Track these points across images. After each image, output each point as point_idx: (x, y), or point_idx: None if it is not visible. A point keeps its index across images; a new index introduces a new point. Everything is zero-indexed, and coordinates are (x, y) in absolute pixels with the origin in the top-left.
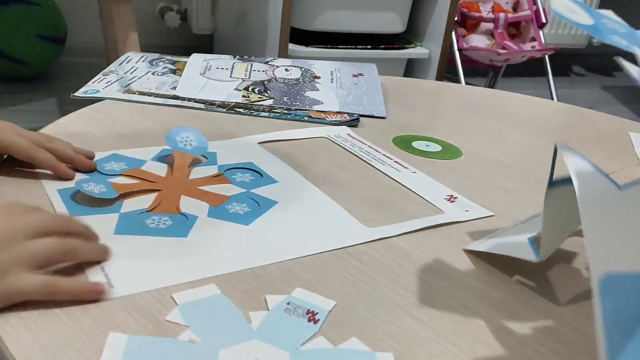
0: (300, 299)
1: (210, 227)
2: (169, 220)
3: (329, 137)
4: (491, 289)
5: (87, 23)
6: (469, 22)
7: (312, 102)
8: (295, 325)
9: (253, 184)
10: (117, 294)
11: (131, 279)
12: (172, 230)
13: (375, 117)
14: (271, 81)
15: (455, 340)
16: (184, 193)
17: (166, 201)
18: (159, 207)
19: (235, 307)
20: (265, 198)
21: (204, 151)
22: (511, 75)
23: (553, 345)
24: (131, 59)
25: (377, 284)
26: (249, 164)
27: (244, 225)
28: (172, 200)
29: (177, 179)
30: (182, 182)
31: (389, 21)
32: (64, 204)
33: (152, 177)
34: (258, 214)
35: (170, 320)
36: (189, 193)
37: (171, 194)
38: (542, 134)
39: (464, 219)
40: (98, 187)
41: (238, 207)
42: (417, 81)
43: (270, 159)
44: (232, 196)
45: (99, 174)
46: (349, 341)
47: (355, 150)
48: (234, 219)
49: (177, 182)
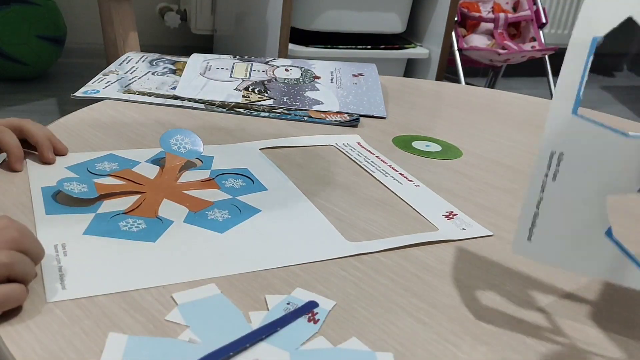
0: (300, 299)
1: (183, 233)
2: (142, 224)
3: (336, 145)
4: (491, 289)
5: (87, 23)
6: (469, 22)
7: (312, 102)
8: (295, 325)
9: (241, 190)
10: (68, 296)
11: (84, 281)
12: (142, 234)
13: (375, 117)
14: (271, 81)
15: (455, 340)
16: (166, 196)
17: (146, 204)
18: (137, 210)
19: (235, 307)
20: (248, 205)
21: (198, 154)
22: (511, 75)
23: (553, 345)
24: (131, 59)
25: (377, 284)
26: (243, 170)
27: (218, 232)
28: (153, 204)
29: (164, 182)
30: (168, 185)
31: (389, 21)
32: (43, 201)
33: (140, 178)
34: (236, 222)
35: (170, 320)
36: (171, 197)
37: (153, 196)
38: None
39: (458, 238)
40: (79, 187)
41: (218, 213)
42: (417, 81)
43: (267, 166)
44: (215, 202)
45: (87, 173)
46: (349, 341)
47: (360, 160)
48: (209, 225)
49: (163, 184)
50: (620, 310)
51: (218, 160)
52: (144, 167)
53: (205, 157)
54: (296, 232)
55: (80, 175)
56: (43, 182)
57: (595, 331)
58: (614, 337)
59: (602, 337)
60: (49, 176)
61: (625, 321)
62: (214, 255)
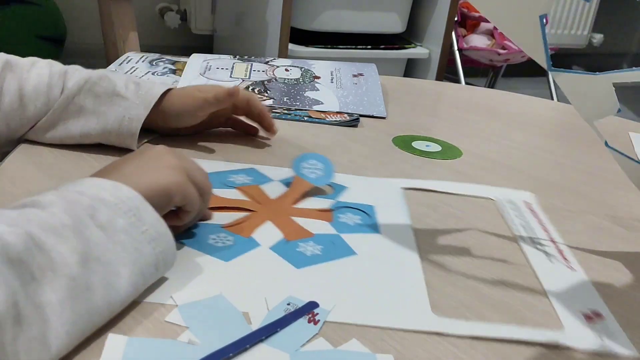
0: (300, 300)
1: (260, 260)
2: (230, 241)
3: (496, 199)
4: (491, 289)
5: (87, 23)
6: (469, 22)
7: (312, 102)
8: (295, 326)
9: (352, 228)
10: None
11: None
12: (221, 251)
13: (375, 117)
14: (271, 81)
15: (455, 340)
16: (271, 219)
17: (249, 223)
18: (235, 227)
19: (235, 308)
20: (347, 245)
21: (326, 183)
22: (511, 75)
23: (553, 344)
24: (131, 59)
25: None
26: (368, 208)
27: (294, 266)
28: (254, 224)
29: (280, 204)
30: (281, 208)
31: (389, 21)
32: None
33: (261, 196)
34: (322, 260)
35: (170, 321)
36: (276, 220)
37: (260, 217)
38: (542, 134)
39: (584, 348)
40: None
41: (310, 247)
42: (417, 81)
43: (399, 208)
44: (316, 235)
45: (219, 184)
46: (349, 342)
47: (514, 223)
48: (291, 258)
49: (277, 206)
50: (624, 313)
51: (351, 191)
52: (274, 186)
53: (339, 186)
54: (377, 287)
55: (213, 183)
56: None
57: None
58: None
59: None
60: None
61: (628, 322)
62: (269, 289)
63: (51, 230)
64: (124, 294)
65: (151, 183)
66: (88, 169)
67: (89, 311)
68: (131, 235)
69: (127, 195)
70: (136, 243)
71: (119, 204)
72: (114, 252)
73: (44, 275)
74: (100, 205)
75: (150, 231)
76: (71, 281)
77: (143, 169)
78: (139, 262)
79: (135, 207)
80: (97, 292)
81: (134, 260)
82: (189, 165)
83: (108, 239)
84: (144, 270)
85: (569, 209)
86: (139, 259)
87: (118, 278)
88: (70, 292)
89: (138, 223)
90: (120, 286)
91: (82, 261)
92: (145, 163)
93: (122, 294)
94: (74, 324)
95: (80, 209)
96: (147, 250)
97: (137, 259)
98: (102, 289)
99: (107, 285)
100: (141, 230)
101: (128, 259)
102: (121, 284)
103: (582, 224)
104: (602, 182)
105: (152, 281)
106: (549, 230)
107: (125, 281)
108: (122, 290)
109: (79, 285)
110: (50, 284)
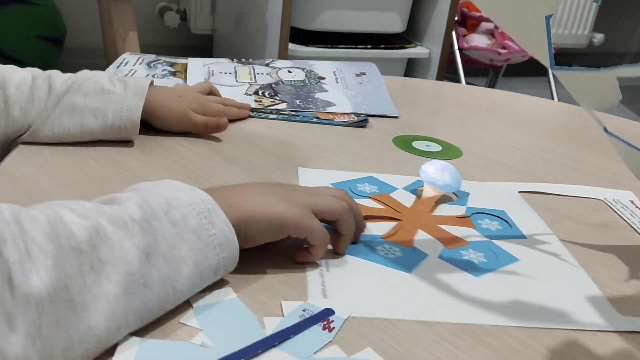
0: (316, 306)
1: (438, 269)
2: (398, 252)
3: (605, 200)
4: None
5: (86, 23)
6: (469, 21)
7: (324, 104)
8: (309, 333)
9: (497, 233)
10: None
11: (344, 300)
12: (398, 262)
13: (389, 116)
14: (278, 84)
15: (455, 340)
16: (421, 227)
17: (402, 232)
18: (394, 237)
19: (250, 312)
20: (505, 252)
21: (455, 189)
22: (511, 75)
23: (553, 345)
24: (128, 61)
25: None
26: (500, 212)
27: (473, 275)
28: (408, 233)
29: (420, 212)
30: (424, 216)
31: (389, 21)
32: None
33: (397, 205)
34: (493, 267)
35: (184, 323)
36: (426, 229)
37: (409, 225)
38: (542, 134)
39: None
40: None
41: (473, 254)
42: (417, 81)
43: (526, 211)
44: (471, 242)
45: (350, 192)
46: (363, 351)
47: (634, 222)
48: (465, 266)
49: (419, 215)
50: (624, 313)
51: (474, 197)
52: (401, 194)
53: (461, 192)
54: (560, 292)
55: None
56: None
57: (596, 331)
58: (615, 337)
59: (603, 337)
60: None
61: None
62: (469, 299)
63: (120, 224)
64: (179, 293)
65: (265, 207)
66: (88, 169)
67: (142, 308)
68: (199, 237)
69: (202, 197)
70: (202, 245)
71: (192, 204)
72: (180, 250)
73: (104, 268)
74: (176, 203)
75: (218, 235)
76: (129, 277)
77: (266, 195)
78: (202, 264)
79: (207, 209)
80: (154, 288)
81: (197, 261)
82: (315, 200)
83: (178, 235)
84: (203, 273)
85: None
86: (202, 261)
87: (178, 276)
88: (126, 288)
89: (208, 225)
90: (178, 284)
91: (145, 256)
92: (274, 190)
93: (178, 292)
94: (125, 319)
95: (156, 204)
96: (211, 254)
97: (200, 261)
98: (160, 285)
99: (166, 281)
100: (210, 233)
101: (192, 259)
102: (180, 282)
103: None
104: (602, 182)
105: (206, 285)
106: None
107: (185, 280)
108: (179, 289)
109: (137, 281)
110: (108, 277)
